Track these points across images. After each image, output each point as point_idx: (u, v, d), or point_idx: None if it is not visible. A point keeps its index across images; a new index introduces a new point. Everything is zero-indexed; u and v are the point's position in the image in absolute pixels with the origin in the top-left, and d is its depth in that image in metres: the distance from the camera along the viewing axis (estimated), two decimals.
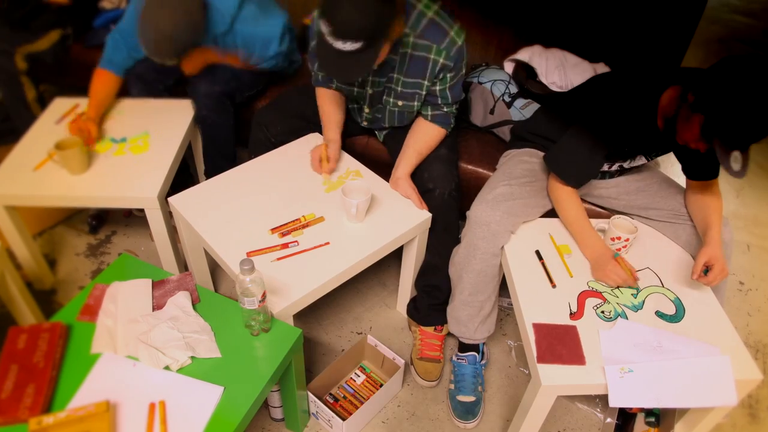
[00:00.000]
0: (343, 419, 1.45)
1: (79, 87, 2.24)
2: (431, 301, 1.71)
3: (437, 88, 1.57)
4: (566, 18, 2.05)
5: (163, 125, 1.89)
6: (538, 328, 1.29)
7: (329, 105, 1.70)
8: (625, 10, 1.97)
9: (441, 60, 1.49)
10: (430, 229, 1.61)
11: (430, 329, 1.74)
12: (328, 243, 1.45)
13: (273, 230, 1.48)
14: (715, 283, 1.33)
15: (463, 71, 1.58)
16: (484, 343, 1.67)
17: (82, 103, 1.96)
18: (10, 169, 1.69)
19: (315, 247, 1.44)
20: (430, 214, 1.57)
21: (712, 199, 1.45)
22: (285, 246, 1.44)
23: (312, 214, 1.53)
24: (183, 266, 1.86)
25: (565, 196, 1.50)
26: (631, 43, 2.01)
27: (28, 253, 1.80)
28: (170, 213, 1.63)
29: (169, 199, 1.57)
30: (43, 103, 2.21)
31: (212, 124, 1.92)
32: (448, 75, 1.54)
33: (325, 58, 1.35)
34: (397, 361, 1.57)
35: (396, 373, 1.57)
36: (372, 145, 1.90)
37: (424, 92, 1.57)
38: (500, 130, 1.97)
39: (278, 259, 1.41)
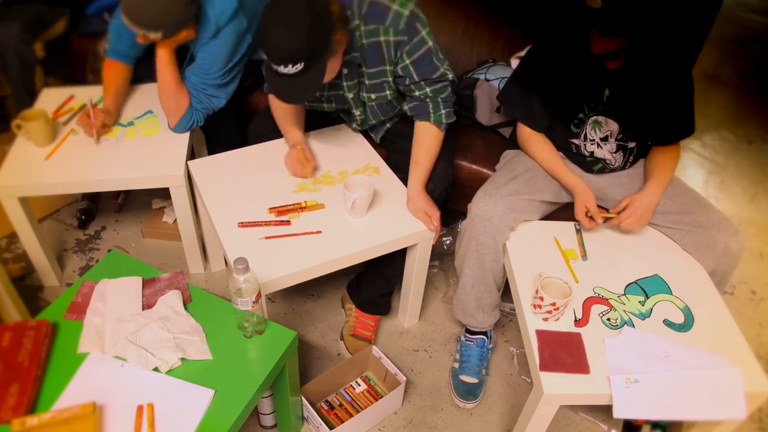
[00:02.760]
0: (332, 428, 1.44)
1: (73, 77, 2.25)
2: (375, 290, 1.75)
3: (399, 69, 1.51)
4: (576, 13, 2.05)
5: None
6: (541, 335, 1.29)
7: (288, 108, 1.68)
8: (639, 6, 1.97)
9: (391, 38, 1.45)
10: None
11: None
12: (320, 231, 1.47)
13: (271, 209, 1.52)
14: (625, 227, 1.48)
15: (429, 43, 1.47)
16: (492, 329, 1.72)
17: (77, 94, 1.96)
18: (18, 161, 1.71)
19: (306, 233, 1.46)
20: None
21: (665, 159, 1.56)
22: (277, 224, 1.47)
23: (314, 201, 1.55)
24: (204, 253, 1.93)
25: (535, 143, 1.60)
26: (643, 43, 2.00)
27: (39, 247, 1.81)
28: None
29: (189, 162, 1.68)
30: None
31: (209, 122, 1.92)
32: (405, 50, 1.47)
33: (274, 82, 1.37)
34: (399, 377, 1.56)
35: (396, 389, 1.55)
36: None
37: (390, 78, 1.54)
38: (506, 130, 1.97)
39: (266, 237, 1.44)
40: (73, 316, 1.27)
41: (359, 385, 1.64)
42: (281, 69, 1.30)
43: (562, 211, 1.66)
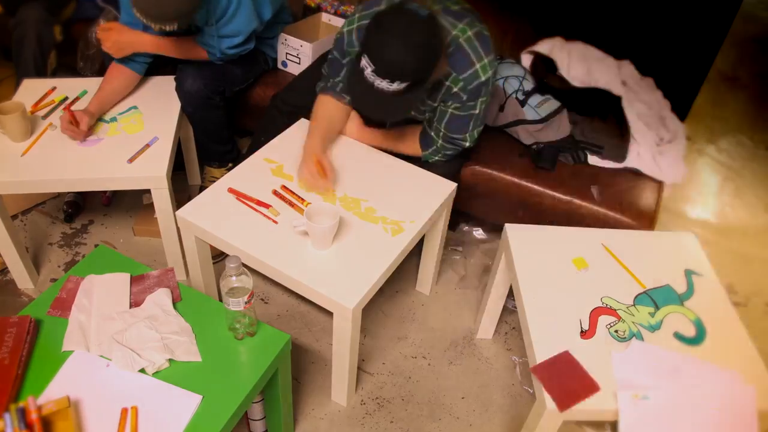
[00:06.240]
0: None
1: (64, 64, 2.24)
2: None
3: (440, 106, 1.57)
4: (590, 12, 2.04)
5: (154, 102, 1.91)
6: (540, 370, 1.25)
7: (332, 115, 1.68)
8: (655, 5, 1.96)
9: (455, 88, 1.50)
10: None
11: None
12: (276, 222, 1.50)
13: (275, 192, 1.57)
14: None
15: (477, 111, 1.55)
16: None
17: (59, 86, 1.94)
18: None
19: (265, 216, 1.51)
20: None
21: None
22: (264, 205, 1.53)
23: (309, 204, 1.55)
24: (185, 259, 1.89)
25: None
26: (660, 42, 2.00)
27: (14, 248, 1.77)
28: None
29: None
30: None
31: (199, 119, 1.95)
32: (456, 103, 1.53)
33: (363, 95, 1.36)
34: None
35: None
36: None
37: (428, 108, 1.60)
38: (513, 130, 1.96)
39: (229, 189, 1.55)
40: (58, 312, 1.26)
41: None
42: (382, 84, 1.30)
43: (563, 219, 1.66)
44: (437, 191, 1.65)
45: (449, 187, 1.67)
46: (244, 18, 1.79)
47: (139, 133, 1.80)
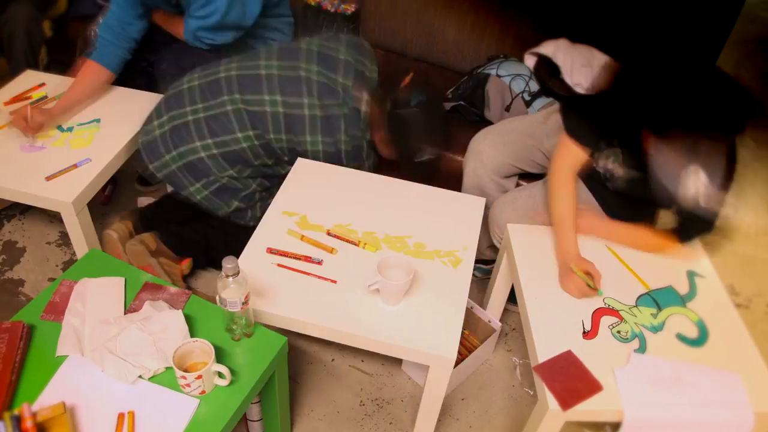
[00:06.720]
0: None
1: (61, 62, 2.23)
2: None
3: None
4: (592, 12, 2.03)
5: (120, 118, 1.83)
6: (542, 370, 1.24)
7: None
8: (656, 5, 1.95)
9: None
10: None
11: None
12: (335, 281, 1.37)
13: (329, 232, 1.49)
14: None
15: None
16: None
17: (48, 82, 1.92)
18: None
19: (319, 277, 1.37)
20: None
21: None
22: (307, 259, 1.42)
23: (372, 236, 1.48)
24: None
25: (565, 178, 1.49)
26: (662, 43, 1.99)
27: None
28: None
29: None
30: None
31: None
32: None
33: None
34: (493, 324, 1.68)
35: (491, 337, 1.68)
36: None
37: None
38: None
39: (279, 265, 1.39)
40: (51, 317, 1.24)
41: None
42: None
43: None
44: (472, 209, 1.61)
45: (480, 202, 1.63)
46: (221, 3, 1.75)
47: (82, 149, 1.71)
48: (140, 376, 1.14)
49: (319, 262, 1.41)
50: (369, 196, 1.62)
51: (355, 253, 1.45)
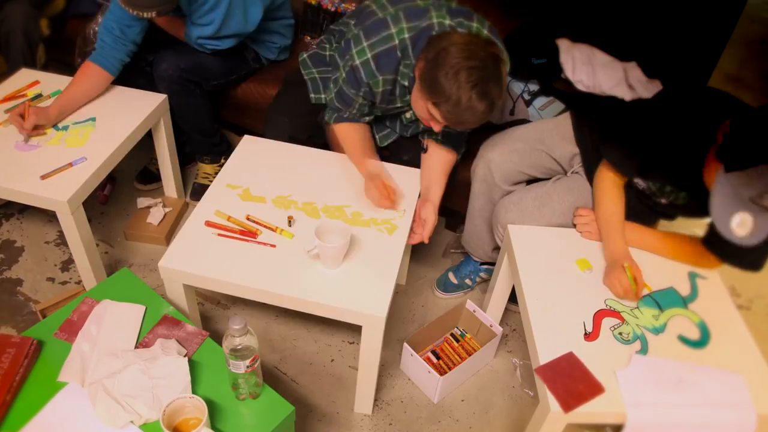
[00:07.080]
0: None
1: (60, 61, 2.23)
2: None
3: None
4: (593, 11, 2.03)
5: (115, 118, 1.81)
6: (543, 371, 1.24)
7: (361, 138, 1.69)
8: (658, 4, 1.95)
9: None
10: None
11: None
12: (274, 245, 1.44)
13: (249, 217, 1.51)
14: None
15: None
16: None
17: (43, 80, 1.92)
18: None
19: (260, 242, 1.45)
20: None
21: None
22: (250, 234, 1.47)
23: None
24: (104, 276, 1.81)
25: (610, 185, 1.50)
26: (663, 42, 1.98)
27: None
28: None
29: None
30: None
31: (177, 105, 1.93)
32: None
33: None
34: (494, 329, 1.68)
35: (491, 341, 1.68)
36: None
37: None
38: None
39: (219, 234, 1.46)
40: (65, 336, 1.22)
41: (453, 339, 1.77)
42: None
43: None
44: (410, 177, 1.68)
45: (416, 173, 1.70)
46: (220, 14, 1.76)
47: (78, 148, 1.69)
48: (132, 422, 1.08)
49: (254, 234, 1.48)
50: (310, 169, 1.69)
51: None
